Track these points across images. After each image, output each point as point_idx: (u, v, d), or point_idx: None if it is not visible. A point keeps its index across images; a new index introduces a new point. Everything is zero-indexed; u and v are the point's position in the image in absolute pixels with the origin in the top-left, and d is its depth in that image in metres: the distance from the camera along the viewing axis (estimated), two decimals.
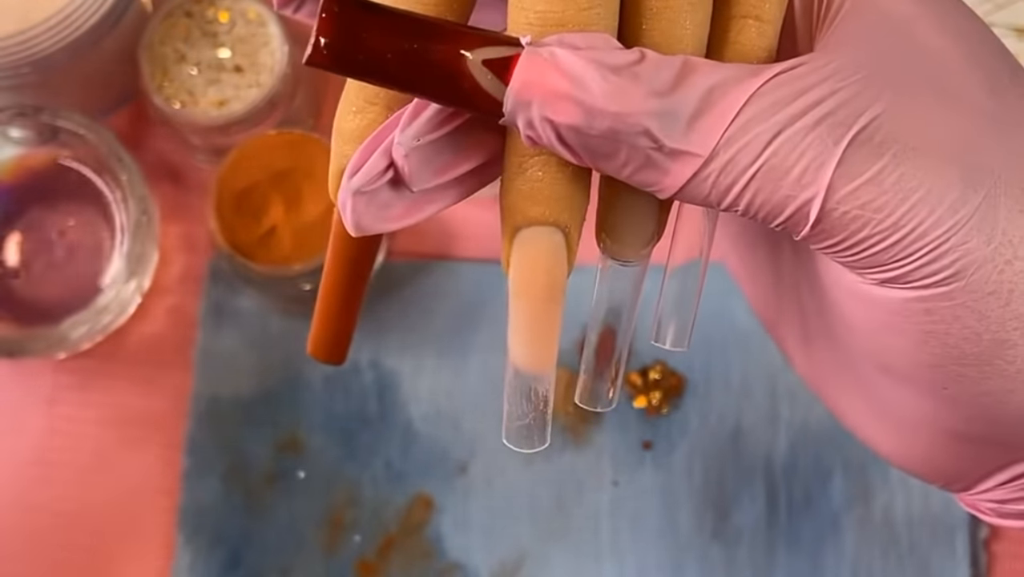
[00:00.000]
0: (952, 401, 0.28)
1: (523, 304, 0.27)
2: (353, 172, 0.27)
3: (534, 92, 0.25)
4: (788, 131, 0.26)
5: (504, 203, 0.27)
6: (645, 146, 0.26)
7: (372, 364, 0.63)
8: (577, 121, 0.25)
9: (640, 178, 0.26)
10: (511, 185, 0.27)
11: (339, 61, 0.26)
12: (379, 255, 0.64)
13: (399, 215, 0.28)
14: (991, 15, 0.63)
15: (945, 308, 0.26)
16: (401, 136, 0.27)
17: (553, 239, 0.27)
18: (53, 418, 0.63)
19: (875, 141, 0.26)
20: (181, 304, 0.65)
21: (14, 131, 0.63)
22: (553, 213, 0.27)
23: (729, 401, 0.62)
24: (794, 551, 0.60)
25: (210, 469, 0.62)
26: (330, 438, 0.62)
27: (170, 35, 0.63)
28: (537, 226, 0.27)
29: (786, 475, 0.61)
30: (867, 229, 0.26)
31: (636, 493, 0.61)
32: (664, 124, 0.25)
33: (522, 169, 0.27)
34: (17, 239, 0.64)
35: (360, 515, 0.62)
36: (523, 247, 0.27)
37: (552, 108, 0.25)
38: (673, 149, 0.26)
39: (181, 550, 0.61)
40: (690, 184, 0.26)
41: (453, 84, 0.25)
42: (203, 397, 0.63)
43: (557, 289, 0.27)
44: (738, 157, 0.26)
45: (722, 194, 0.26)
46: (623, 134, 0.25)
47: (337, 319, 0.32)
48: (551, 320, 0.27)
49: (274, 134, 0.61)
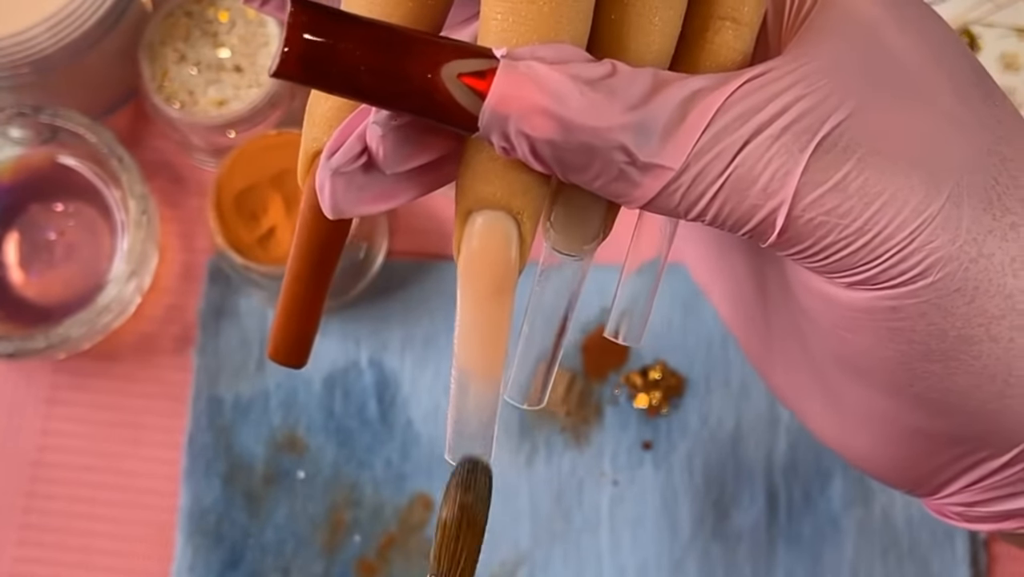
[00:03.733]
0: (918, 399, 0.28)
1: (469, 297, 0.26)
2: (331, 153, 0.27)
3: (511, 106, 0.25)
4: (755, 141, 0.26)
5: (459, 182, 0.27)
6: (619, 160, 0.26)
7: (372, 364, 0.63)
8: (554, 136, 0.25)
9: (611, 190, 0.26)
10: (467, 164, 0.27)
11: (308, 73, 0.24)
12: (378, 260, 0.64)
13: (373, 199, 0.28)
14: (991, 15, 0.63)
15: (911, 306, 0.27)
16: (376, 117, 0.26)
17: (505, 226, 0.26)
18: (53, 418, 0.63)
19: (839, 147, 0.26)
20: (181, 304, 0.65)
21: (14, 131, 0.63)
22: (506, 196, 0.26)
23: (729, 401, 0.62)
24: (794, 551, 0.60)
25: (210, 469, 0.62)
26: (330, 438, 0.62)
27: (170, 35, 0.63)
28: (489, 210, 0.26)
29: (786, 475, 0.61)
30: (833, 235, 0.26)
31: (636, 493, 0.61)
32: (638, 138, 0.25)
33: (479, 149, 0.26)
34: (17, 239, 0.64)
35: (360, 515, 0.62)
36: (473, 233, 0.26)
37: (529, 123, 0.25)
38: (646, 163, 0.26)
39: (181, 550, 0.61)
40: (660, 196, 0.26)
41: (427, 98, 0.25)
42: (202, 397, 0.63)
43: (507, 282, 0.26)
44: (707, 169, 0.26)
45: (690, 205, 0.26)
46: (599, 149, 0.25)
47: (299, 320, 0.30)
48: (498, 316, 0.27)
49: (274, 134, 0.61)
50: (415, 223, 0.65)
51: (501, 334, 0.27)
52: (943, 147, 0.27)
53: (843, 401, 0.31)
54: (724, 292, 0.35)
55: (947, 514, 0.32)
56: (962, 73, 0.28)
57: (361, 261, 0.62)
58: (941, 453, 0.30)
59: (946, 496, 0.32)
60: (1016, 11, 0.63)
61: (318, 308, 0.30)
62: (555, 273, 0.29)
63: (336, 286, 0.62)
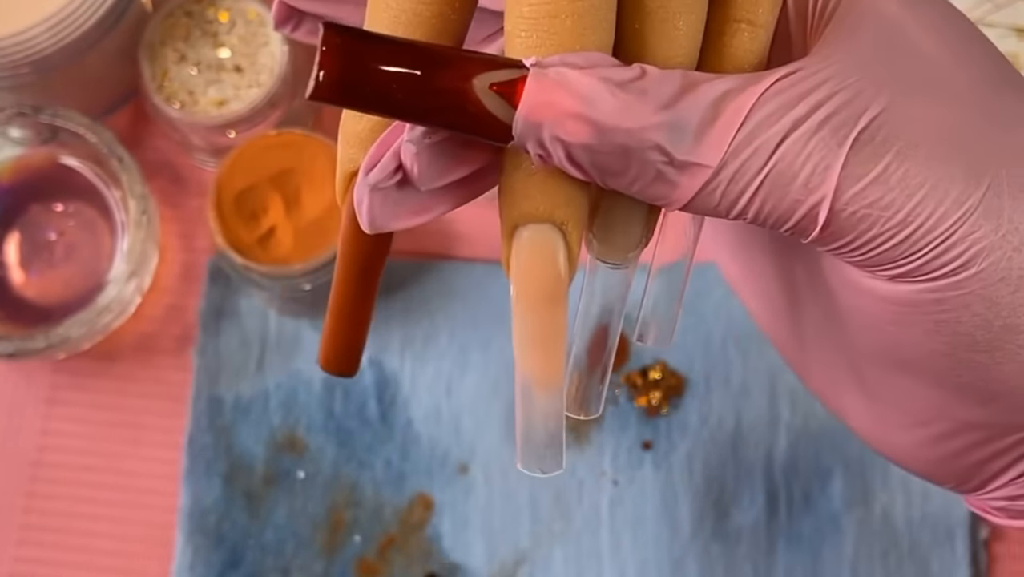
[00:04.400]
0: (964, 390, 0.29)
1: (523, 308, 0.27)
2: (368, 170, 0.27)
3: (544, 113, 0.25)
4: (792, 136, 0.26)
5: (501, 200, 0.27)
6: (656, 160, 0.26)
7: (372, 364, 0.63)
8: (589, 140, 0.25)
9: (649, 192, 0.26)
10: (508, 181, 0.27)
11: (344, 94, 0.25)
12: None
13: (409, 213, 0.28)
14: (991, 15, 0.63)
15: (956, 297, 0.27)
16: (410, 136, 0.27)
17: (551, 238, 0.27)
18: (53, 418, 0.63)
19: (877, 140, 0.26)
20: (181, 304, 0.65)
21: (14, 131, 0.63)
22: (549, 209, 0.26)
23: (729, 401, 0.62)
24: (794, 551, 0.60)
25: (210, 469, 0.62)
26: (330, 438, 0.62)
27: (170, 35, 0.63)
28: (534, 224, 0.26)
29: (786, 475, 0.61)
30: (876, 227, 0.26)
31: (636, 493, 0.61)
32: (673, 137, 0.25)
33: (517, 164, 0.27)
34: (17, 239, 0.64)
35: (360, 515, 0.62)
36: (521, 247, 0.27)
37: (563, 128, 0.25)
38: (683, 162, 0.26)
39: (181, 550, 0.61)
40: (699, 196, 0.26)
41: (460, 111, 0.25)
42: (202, 397, 0.63)
43: (558, 291, 0.27)
44: (746, 166, 0.26)
45: (731, 204, 0.26)
46: (634, 150, 0.25)
47: (347, 330, 0.31)
48: (553, 326, 0.27)
49: (274, 134, 0.61)
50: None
51: (558, 343, 0.27)
52: (979, 139, 0.27)
53: (884, 397, 0.31)
54: (755, 292, 0.35)
55: (989, 511, 0.32)
56: (990, 68, 0.28)
57: None
58: (987, 445, 0.30)
59: (990, 491, 0.31)
60: (1016, 11, 0.63)
61: (366, 317, 0.31)
62: (600, 282, 0.29)
63: None
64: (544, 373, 0.27)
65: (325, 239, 0.60)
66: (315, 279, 0.60)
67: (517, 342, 0.27)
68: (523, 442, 0.28)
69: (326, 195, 0.60)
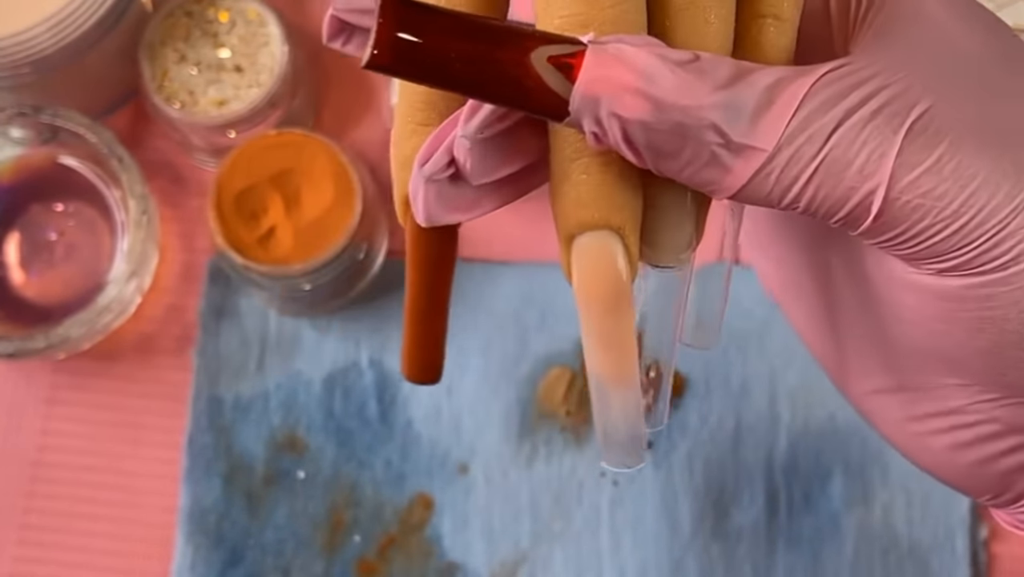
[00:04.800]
0: (1009, 390, 0.28)
1: (589, 314, 0.27)
2: (423, 162, 0.28)
3: (602, 88, 0.25)
4: (847, 123, 0.26)
5: (555, 212, 0.27)
6: (711, 141, 0.26)
7: (372, 364, 0.63)
8: (646, 116, 0.25)
9: (702, 177, 0.26)
10: (558, 192, 0.27)
11: (401, 63, 0.25)
12: (378, 260, 0.64)
13: (461, 207, 0.28)
14: None
15: (1005, 293, 0.27)
16: (464, 130, 0.27)
17: (609, 243, 0.27)
18: (52, 418, 0.63)
19: (930, 131, 0.26)
20: (181, 304, 0.65)
21: (14, 131, 0.63)
22: (603, 215, 0.27)
23: (729, 401, 0.62)
24: (794, 551, 0.60)
25: (210, 469, 0.62)
26: (330, 438, 0.62)
27: (170, 35, 0.63)
28: (590, 231, 0.27)
29: (786, 475, 0.61)
30: (928, 218, 0.26)
31: (636, 493, 0.61)
32: (730, 118, 0.25)
33: (566, 175, 0.27)
34: (17, 239, 0.64)
35: (360, 515, 0.62)
36: (580, 256, 0.27)
37: (620, 103, 0.25)
38: (739, 144, 0.26)
39: (181, 550, 0.61)
40: (752, 182, 0.26)
41: (517, 84, 0.25)
42: (203, 397, 0.63)
43: (622, 295, 0.27)
44: (801, 151, 0.26)
45: (784, 190, 0.26)
46: (691, 129, 0.25)
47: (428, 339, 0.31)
48: (621, 328, 0.27)
49: (274, 134, 0.61)
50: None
51: (628, 342, 0.27)
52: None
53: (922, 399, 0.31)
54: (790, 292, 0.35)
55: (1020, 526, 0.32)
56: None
57: (361, 261, 0.62)
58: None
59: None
60: (1016, 11, 0.63)
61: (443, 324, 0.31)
62: (655, 287, 0.29)
63: (336, 286, 0.62)
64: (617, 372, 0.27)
65: (325, 239, 0.60)
66: (315, 279, 0.60)
67: (587, 346, 0.27)
68: (605, 441, 0.28)
69: (326, 195, 0.60)
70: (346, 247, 0.60)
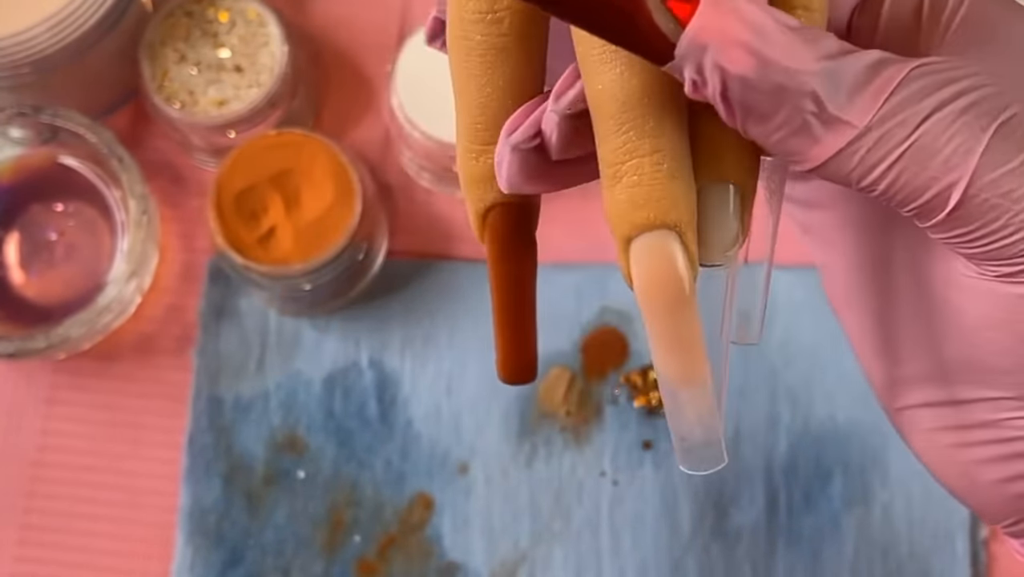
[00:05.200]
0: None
1: (653, 317, 0.27)
2: (510, 131, 0.28)
3: (712, 36, 0.25)
4: (939, 114, 0.26)
5: (609, 216, 0.27)
6: (807, 109, 0.26)
7: (372, 364, 0.63)
8: (749, 72, 0.25)
9: (789, 144, 0.26)
10: (611, 195, 0.27)
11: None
12: (378, 260, 0.64)
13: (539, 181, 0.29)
14: None
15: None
16: (554, 106, 0.27)
17: (667, 243, 0.27)
18: (53, 418, 0.63)
19: (1017, 135, 0.26)
20: (181, 304, 0.65)
21: (14, 131, 0.63)
22: (659, 215, 0.27)
23: (729, 402, 0.62)
24: (794, 551, 0.60)
25: (210, 469, 0.62)
26: (330, 438, 0.62)
27: (170, 35, 0.63)
28: (647, 232, 0.27)
29: (786, 476, 0.61)
30: (1003, 219, 0.26)
31: (636, 493, 0.61)
32: (829, 88, 0.26)
33: (617, 177, 0.27)
34: (17, 239, 0.64)
35: (360, 515, 0.62)
36: (640, 258, 0.27)
37: (727, 55, 0.25)
38: (832, 116, 0.26)
39: (181, 550, 0.61)
40: (838, 156, 0.26)
41: (629, 20, 0.25)
42: (202, 397, 0.63)
43: (684, 294, 0.27)
44: (890, 133, 0.26)
45: (866, 171, 0.26)
46: (790, 93, 0.25)
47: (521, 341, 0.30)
48: (686, 327, 0.27)
49: (274, 134, 0.61)
50: (415, 223, 0.65)
51: (695, 341, 0.27)
52: None
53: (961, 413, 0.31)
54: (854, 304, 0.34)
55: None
56: None
57: (361, 261, 0.62)
58: None
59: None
60: None
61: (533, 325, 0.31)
62: (704, 286, 0.29)
63: (336, 286, 0.62)
64: (686, 372, 0.27)
65: (325, 239, 0.60)
66: (315, 279, 0.60)
67: (654, 348, 0.27)
68: (681, 444, 0.28)
69: (326, 195, 0.60)
70: (346, 247, 0.60)
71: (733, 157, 0.28)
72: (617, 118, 0.27)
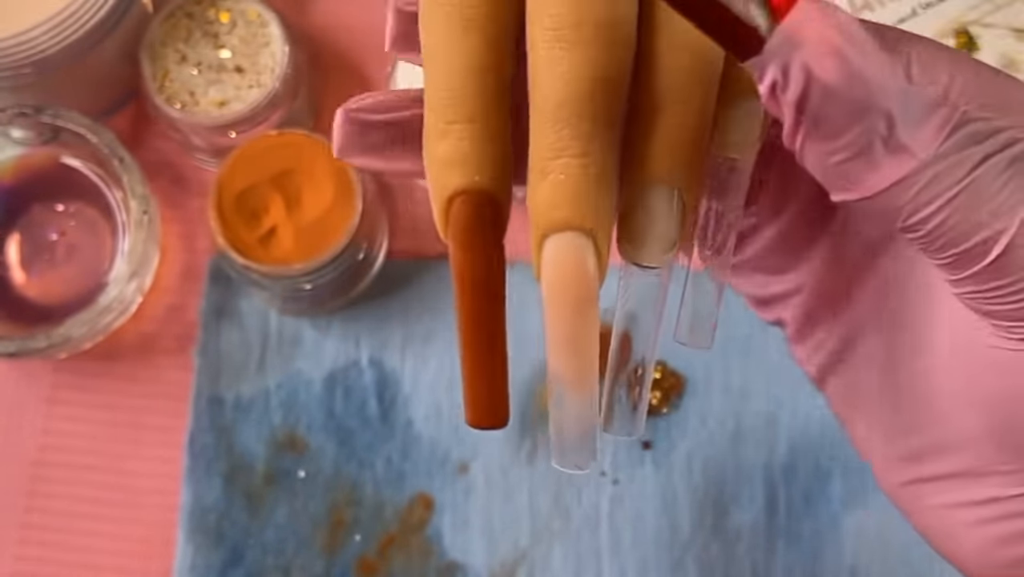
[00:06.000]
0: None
1: (554, 316, 0.27)
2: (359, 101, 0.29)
3: (808, 35, 0.24)
4: (992, 160, 0.25)
5: (530, 209, 0.27)
6: (878, 131, 0.25)
7: (372, 363, 0.63)
8: (836, 80, 0.24)
9: (847, 168, 0.25)
10: (534, 189, 0.27)
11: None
12: (378, 260, 0.64)
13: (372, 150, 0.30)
14: (990, 15, 0.63)
15: None
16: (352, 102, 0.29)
17: (579, 246, 0.27)
18: (53, 418, 0.63)
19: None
20: (181, 304, 0.65)
21: (15, 131, 0.63)
22: (577, 217, 0.26)
23: (729, 401, 0.62)
24: (793, 551, 0.61)
25: (211, 468, 0.62)
26: (330, 437, 0.62)
27: (171, 36, 0.63)
28: (562, 232, 0.27)
29: (785, 476, 0.61)
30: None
31: (636, 493, 0.61)
32: (904, 111, 0.25)
33: (544, 173, 0.27)
34: (18, 239, 0.64)
35: (360, 515, 0.62)
36: (550, 257, 0.27)
37: (819, 59, 0.24)
38: (899, 143, 0.25)
39: (182, 549, 0.61)
40: (894, 188, 0.25)
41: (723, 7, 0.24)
42: (203, 397, 0.63)
43: (589, 296, 0.27)
44: (947, 172, 0.25)
45: (919, 207, 0.25)
46: (868, 109, 0.24)
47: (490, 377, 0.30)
48: (585, 330, 0.27)
49: (275, 135, 0.61)
50: (415, 223, 0.65)
51: (590, 346, 0.27)
52: None
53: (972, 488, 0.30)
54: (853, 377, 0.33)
55: None
56: None
57: (361, 261, 0.62)
58: None
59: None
60: (1015, 11, 0.63)
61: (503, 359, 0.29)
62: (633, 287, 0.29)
63: (336, 286, 0.62)
64: (576, 375, 0.27)
65: (326, 239, 0.60)
66: (315, 279, 0.60)
67: (550, 346, 0.27)
68: (557, 442, 0.28)
69: (326, 195, 0.60)
70: (346, 247, 0.60)
71: (679, 160, 0.27)
72: (555, 114, 0.26)
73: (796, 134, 0.25)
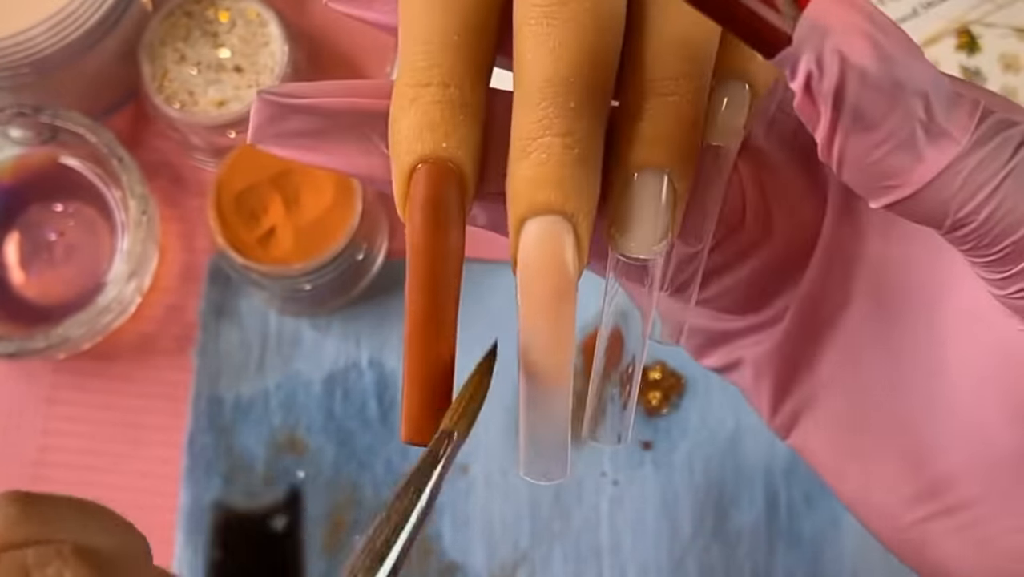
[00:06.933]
0: None
1: (529, 306, 0.25)
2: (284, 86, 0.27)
3: (835, 19, 0.23)
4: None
5: (509, 190, 0.26)
6: (918, 115, 0.23)
7: (372, 364, 0.63)
8: (871, 63, 0.23)
9: (891, 162, 0.24)
10: (515, 169, 0.25)
11: None
12: (378, 260, 0.64)
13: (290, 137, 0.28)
14: (991, 15, 0.63)
15: None
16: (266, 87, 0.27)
17: (560, 230, 0.25)
18: (53, 418, 0.63)
19: None
20: (181, 304, 0.65)
21: (14, 131, 0.63)
22: (559, 199, 0.25)
23: (729, 401, 0.62)
24: (794, 551, 0.60)
25: (210, 469, 0.62)
26: (330, 438, 0.62)
27: (170, 35, 0.63)
28: (543, 216, 0.25)
29: (786, 476, 0.61)
30: None
31: (636, 493, 0.61)
32: (937, 93, 0.23)
33: (526, 152, 0.25)
34: (17, 239, 0.64)
35: (360, 515, 0.62)
36: (528, 241, 0.25)
37: (850, 42, 0.23)
38: (940, 127, 0.23)
39: (181, 549, 0.61)
40: (940, 178, 0.24)
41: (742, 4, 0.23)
42: (202, 397, 0.63)
43: (566, 288, 0.25)
44: (991, 155, 0.24)
45: (969, 195, 0.24)
46: (905, 91, 0.23)
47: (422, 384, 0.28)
48: (562, 324, 0.25)
49: None
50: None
51: (567, 342, 0.25)
52: None
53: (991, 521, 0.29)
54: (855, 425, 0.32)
55: None
56: None
57: (361, 261, 0.62)
58: None
59: None
60: (1016, 11, 0.63)
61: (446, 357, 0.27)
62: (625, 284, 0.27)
63: (336, 286, 0.62)
64: (552, 370, 0.26)
65: (325, 239, 0.60)
66: (315, 279, 0.60)
67: (523, 340, 0.26)
68: (526, 447, 0.26)
69: (326, 195, 0.60)
70: (346, 247, 0.60)
71: (672, 144, 0.26)
72: (540, 91, 0.25)
73: (834, 138, 0.24)
